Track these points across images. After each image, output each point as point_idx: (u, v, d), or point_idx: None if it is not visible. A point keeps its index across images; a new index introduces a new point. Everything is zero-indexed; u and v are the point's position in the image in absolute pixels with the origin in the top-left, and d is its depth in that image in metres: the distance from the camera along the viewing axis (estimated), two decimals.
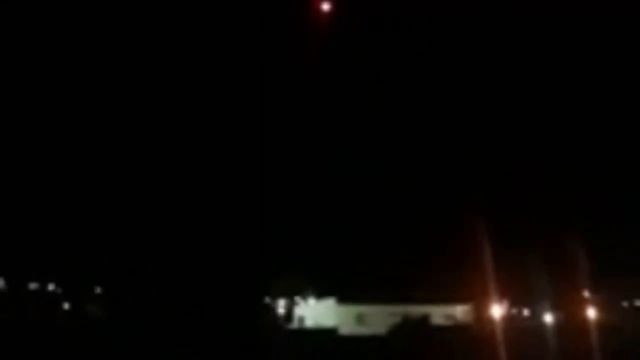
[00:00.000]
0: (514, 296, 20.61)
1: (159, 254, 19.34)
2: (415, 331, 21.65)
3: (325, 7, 20.55)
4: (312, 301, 20.87)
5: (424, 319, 22.42)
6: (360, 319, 22.30)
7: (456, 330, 21.88)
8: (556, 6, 19.49)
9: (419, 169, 20.55)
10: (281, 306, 20.50)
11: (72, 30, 19.69)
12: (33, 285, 19.99)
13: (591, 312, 19.72)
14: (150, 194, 19.68)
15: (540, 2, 19.69)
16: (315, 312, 20.74)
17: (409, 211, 20.73)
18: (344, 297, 21.19)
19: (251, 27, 20.22)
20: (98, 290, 20.24)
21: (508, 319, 20.56)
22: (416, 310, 21.38)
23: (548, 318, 20.10)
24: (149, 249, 19.32)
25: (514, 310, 20.81)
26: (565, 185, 20.14)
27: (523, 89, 21.02)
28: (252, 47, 20.18)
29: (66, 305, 20.10)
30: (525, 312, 20.81)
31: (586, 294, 20.12)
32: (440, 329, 21.99)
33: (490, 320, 20.54)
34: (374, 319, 22.21)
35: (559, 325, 20.64)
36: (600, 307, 19.92)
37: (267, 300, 20.54)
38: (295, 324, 20.72)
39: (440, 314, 21.76)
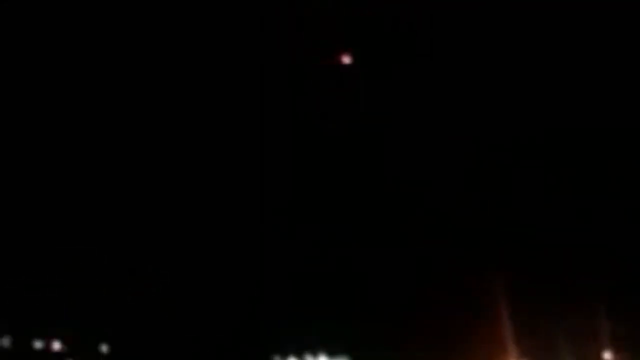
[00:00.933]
0: (532, 356, 19.74)
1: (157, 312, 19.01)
2: None
3: (346, 59, 20.23)
4: None
5: None
6: None
7: None
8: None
9: (432, 225, 19.93)
10: None
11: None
12: (38, 344, 19.74)
13: None
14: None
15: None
16: None
17: (423, 269, 20.08)
18: (358, 357, 20.49)
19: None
20: (104, 349, 19.90)
21: None
22: None
23: None
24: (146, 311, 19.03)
25: None
26: (587, 241, 19.38)
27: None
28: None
29: None
30: None
31: (608, 356, 19.21)
32: None
33: None
34: None
35: None
36: None
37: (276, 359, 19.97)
38: None
39: None
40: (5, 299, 19.04)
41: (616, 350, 19.00)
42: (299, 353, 19.97)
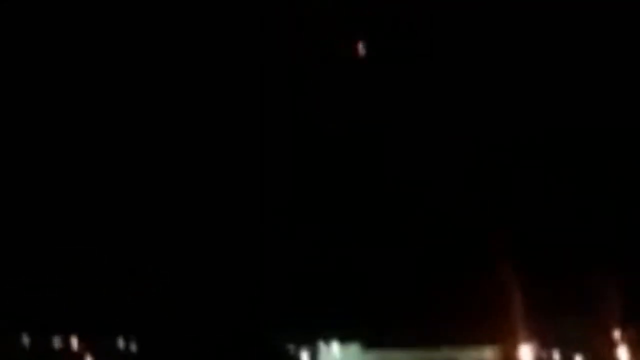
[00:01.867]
0: (544, 338, 19.69)
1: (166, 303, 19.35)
2: None
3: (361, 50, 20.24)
4: (335, 347, 20.40)
5: None
6: None
7: None
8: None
9: (444, 210, 19.94)
10: (305, 356, 20.11)
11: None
12: (56, 341, 20.23)
13: (623, 354, 18.72)
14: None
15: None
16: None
17: (433, 251, 20.13)
18: (369, 342, 20.60)
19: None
20: (121, 344, 20.34)
21: None
22: (445, 354, 20.66)
23: None
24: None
25: (544, 354, 19.88)
26: (598, 222, 19.27)
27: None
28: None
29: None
30: (556, 355, 19.87)
31: (617, 334, 19.08)
32: None
33: None
34: None
35: None
36: (634, 349, 18.90)
37: (291, 348, 20.21)
38: None
39: (470, 357, 20.97)
40: (22, 297, 19.46)
41: (625, 330, 18.90)
42: (312, 342, 20.16)
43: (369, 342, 21.04)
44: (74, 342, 19.79)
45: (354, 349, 20.88)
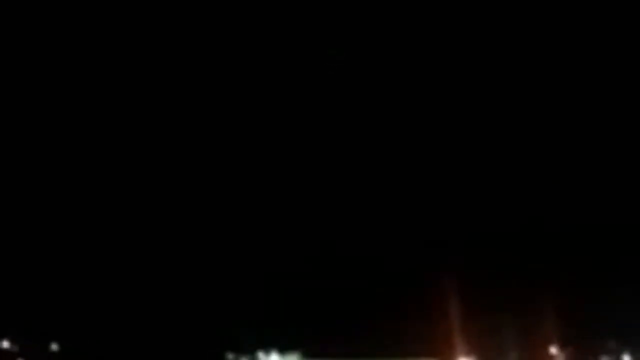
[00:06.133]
0: (481, 351, 20.24)
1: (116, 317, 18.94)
2: None
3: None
4: (274, 357, 20.36)
5: None
6: None
7: None
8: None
9: (389, 225, 20.20)
10: None
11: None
12: None
13: None
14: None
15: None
16: None
17: (376, 263, 20.39)
18: (309, 353, 20.70)
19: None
20: (54, 347, 19.72)
21: None
22: None
23: None
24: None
25: None
26: (539, 246, 19.91)
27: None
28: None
29: None
30: None
31: (554, 350, 19.81)
32: None
33: None
34: None
35: None
36: None
37: (230, 358, 20.07)
38: None
39: None
40: None
41: (562, 345, 19.59)
42: (252, 351, 20.09)
43: (309, 352, 21.09)
44: (5, 344, 19.20)
45: (293, 358, 20.87)
